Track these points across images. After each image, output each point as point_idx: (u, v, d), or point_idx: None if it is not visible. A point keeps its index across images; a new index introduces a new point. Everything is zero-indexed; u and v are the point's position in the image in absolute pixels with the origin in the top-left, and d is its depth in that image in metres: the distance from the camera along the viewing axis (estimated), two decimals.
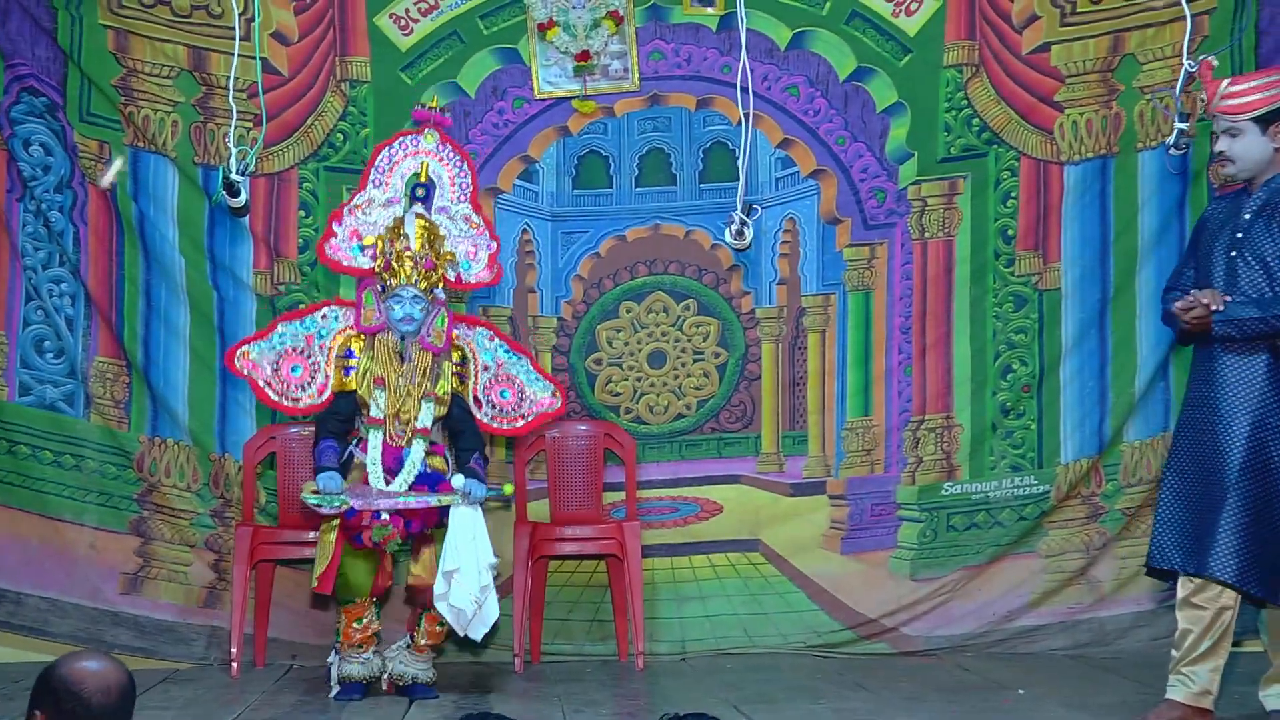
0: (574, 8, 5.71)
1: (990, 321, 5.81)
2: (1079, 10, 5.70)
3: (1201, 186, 5.59)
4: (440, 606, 4.74)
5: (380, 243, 4.91)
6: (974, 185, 5.79)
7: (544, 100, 5.78)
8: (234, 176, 5.37)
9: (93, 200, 5.61)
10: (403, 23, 5.75)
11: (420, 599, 4.94)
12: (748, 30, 5.63)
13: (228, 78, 5.49)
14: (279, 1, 5.68)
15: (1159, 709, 4.28)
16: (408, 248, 4.85)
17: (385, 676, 4.95)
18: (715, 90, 5.78)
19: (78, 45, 5.56)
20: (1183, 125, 4.27)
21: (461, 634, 4.83)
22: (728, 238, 4.96)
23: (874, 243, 5.83)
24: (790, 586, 5.81)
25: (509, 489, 5.07)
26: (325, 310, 5.08)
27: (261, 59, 5.54)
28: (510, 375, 5.17)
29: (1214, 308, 4.14)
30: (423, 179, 5.06)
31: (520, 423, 5.19)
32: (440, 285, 4.95)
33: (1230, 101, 4.21)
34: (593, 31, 5.71)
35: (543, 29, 5.69)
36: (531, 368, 5.23)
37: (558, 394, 5.22)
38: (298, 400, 5.00)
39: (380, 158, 5.11)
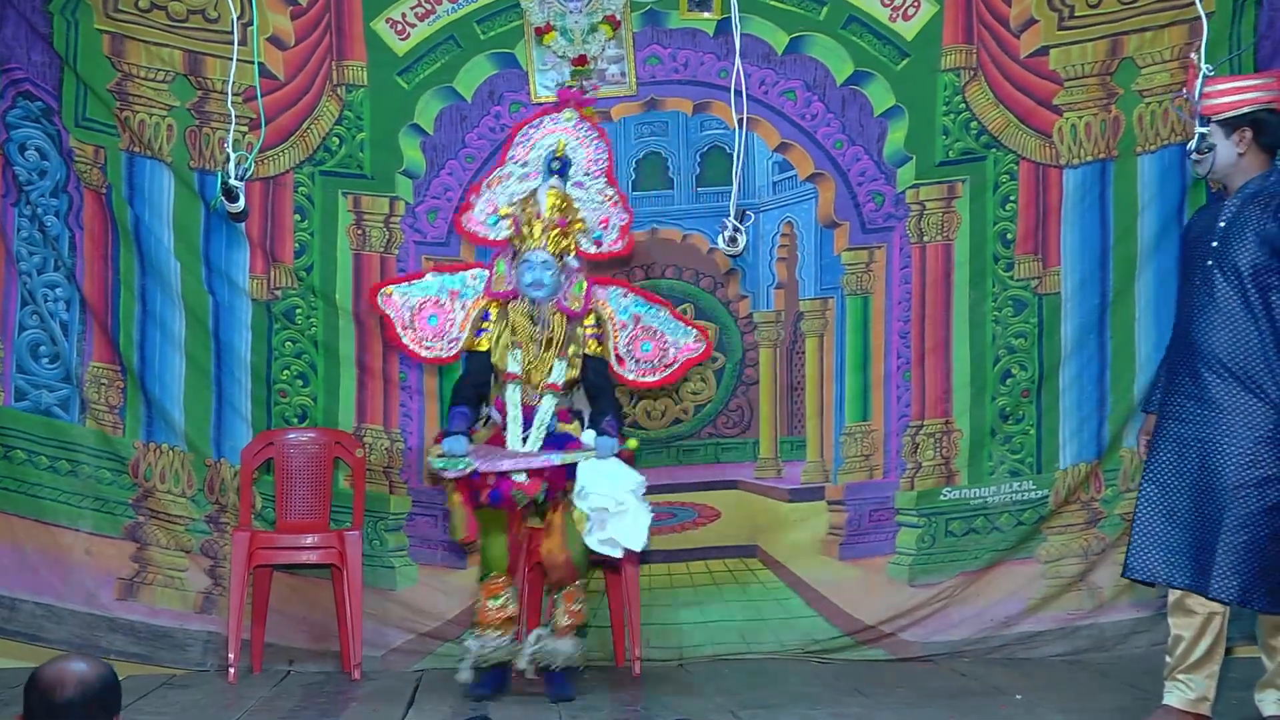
0: (571, 12, 5.70)
1: (989, 326, 5.79)
2: (1077, 14, 5.69)
3: (1201, 191, 5.56)
4: (590, 543, 4.79)
5: (514, 211, 5.02)
6: (972, 189, 5.77)
7: (541, 105, 5.77)
8: (232, 182, 5.35)
9: (88, 205, 5.60)
10: (399, 27, 5.74)
11: (554, 576, 4.96)
12: (744, 35, 5.60)
13: (224, 82, 5.46)
14: (275, 6, 5.67)
15: (1156, 715, 4.26)
16: (538, 214, 4.95)
17: (528, 663, 4.95)
18: (712, 95, 5.76)
19: (73, 50, 5.56)
20: (1204, 129, 4.22)
21: (620, 554, 4.85)
22: (721, 244, 4.95)
23: (872, 246, 5.81)
24: (788, 592, 5.80)
25: (633, 444, 5.05)
26: (476, 272, 5.16)
27: (258, 63, 5.54)
28: (650, 328, 5.20)
29: None
30: (559, 154, 5.14)
31: (666, 372, 5.21)
32: (571, 253, 5.01)
33: (1205, 101, 4.18)
34: (590, 36, 5.70)
35: (540, 33, 5.69)
36: (671, 316, 5.23)
37: (700, 338, 5.23)
38: (430, 350, 5.10)
39: (520, 134, 5.20)
